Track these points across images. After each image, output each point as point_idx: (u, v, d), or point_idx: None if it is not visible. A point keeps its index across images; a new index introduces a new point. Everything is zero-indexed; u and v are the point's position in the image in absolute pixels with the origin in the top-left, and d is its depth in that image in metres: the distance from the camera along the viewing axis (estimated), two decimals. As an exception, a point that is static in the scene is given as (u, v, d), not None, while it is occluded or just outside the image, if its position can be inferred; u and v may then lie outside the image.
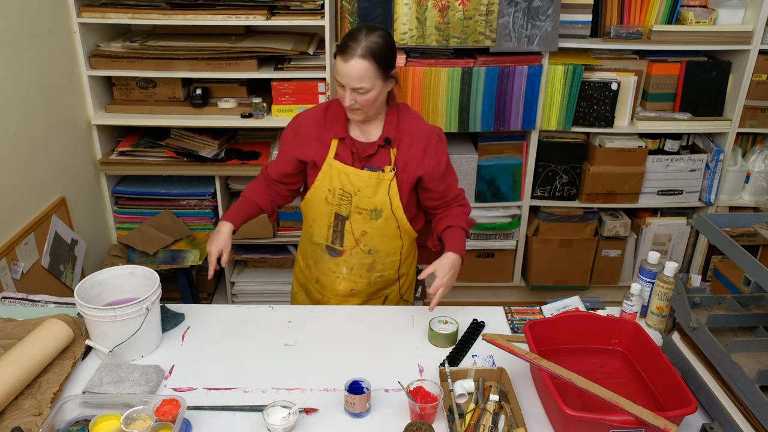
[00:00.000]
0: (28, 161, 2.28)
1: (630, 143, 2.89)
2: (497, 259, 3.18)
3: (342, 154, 1.76)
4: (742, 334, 1.45)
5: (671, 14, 2.80)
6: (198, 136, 2.85)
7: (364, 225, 1.81)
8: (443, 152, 1.80)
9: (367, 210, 1.79)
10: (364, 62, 1.58)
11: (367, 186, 1.75)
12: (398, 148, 1.75)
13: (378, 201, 1.77)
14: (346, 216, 1.80)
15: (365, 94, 1.62)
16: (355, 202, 1.78)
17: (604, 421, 1.27)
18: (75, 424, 1.37)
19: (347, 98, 1.62)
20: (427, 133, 1.77)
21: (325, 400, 1.48)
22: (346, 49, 1.59)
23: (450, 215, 1.85)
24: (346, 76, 1.59)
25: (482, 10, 2.60)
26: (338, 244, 1.86)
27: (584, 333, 1.58)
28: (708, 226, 1.42)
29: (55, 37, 2.45)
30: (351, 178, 1.75)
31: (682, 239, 3.13)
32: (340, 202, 1.79)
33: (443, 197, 1.85)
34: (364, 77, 1.59)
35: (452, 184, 1.85)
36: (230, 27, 2.80)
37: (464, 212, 1.87)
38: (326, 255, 1.90)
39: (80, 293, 1.57)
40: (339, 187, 1.77)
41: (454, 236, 1.80)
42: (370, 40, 1.58)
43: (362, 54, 1.57)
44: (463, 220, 1.85)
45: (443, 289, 1.67)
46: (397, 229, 1.84)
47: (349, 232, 1.82)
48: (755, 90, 2.82)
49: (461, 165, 2.91)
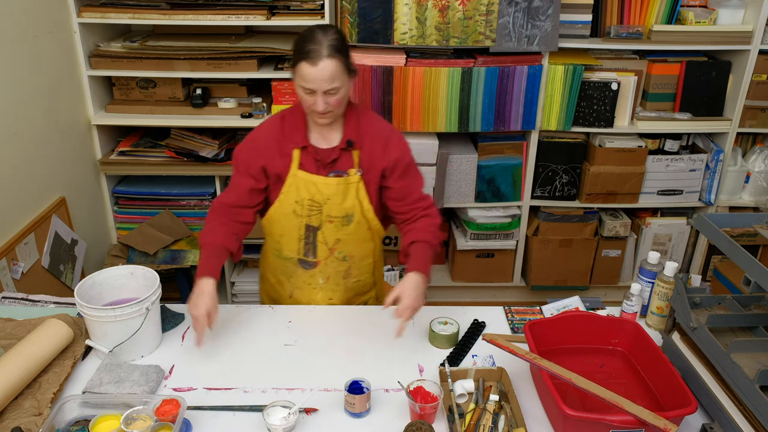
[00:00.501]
0: (28, 161, 2.28)
1: (630, 143, 2.89)
2: (497, 259, 3.18)
3: (306, 163, 1.71)
4: (742, 334, 1.45)
5: (671, 14, 2.80)
6: (198, 136, 2.85)
7: (336, 233, 1.78)
8: (406, 149, 1.76)
9: (339, 217, 1.75)
10: (333, 61, 1.53)
11: (336, 193, 1.72)
12: (361, 149, 1.72)
13: (348, 206, 1.74)
14: (317, 226, 1.76)
15: (336, 94, 1.58)
16: (326, 210, 1.74)
17: (604, 421, 1.27)
18: (75, 424, 1.37)
19: (320, 103, 1.57)
20: (387, 131, 1.75)
21: (325, 400, 1.48)
22: (309, 53, 1.53)
23: (415, 228, 1.75)
24: (317, 80, 1.54)
25: (482, 10, 2.60)
26: (311, 255, 1.82)
27: (584, 333, 1.58)
28: (708, 226, 1.42)
29: (55, 37, 2.45)
30: (319, 186, 1.71)
31: (682, 239, 3.13)
32: (310, 213, 1.74)
33: (404, 197, 1.77)
34: (335, 77, 1.55)
35: (415, 184, 1.78)
36: (230, 27, 2.80)
37: (431, 224, 1.76)
38: (299, 269, 1.85)
39: (80, 293, 1.57)
40: (307, 197, 1.72)
41: (417, 253, 1.69)
42: (329, 38, 1.54)
43: (329, 54, 1.52)
44: (428, 232, 1.73)
45: (410, 311, 1.57)
46: (368, 231, 1.82)
47: (321, 242, 1.79)
48: (755, 90, 2.82)
49: (461, 165, 2.91)
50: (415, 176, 1.80)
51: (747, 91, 2.80)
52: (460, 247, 3.11)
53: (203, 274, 1.62)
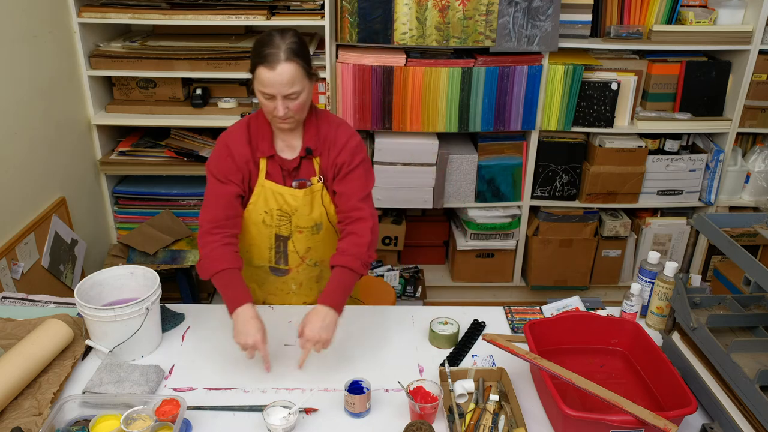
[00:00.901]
0: (28, 161, 2.28)
1: (630, 143, 2.89)
2: (497, 259, 3.18)
3: (272, 172, 1.68)
4: (742, 334, 1.45)
5: (671, 14, 2.80)
6: (198, 136, 2.85)
7: (307, 242, 1.76)
8: (359, 153, 1.69)
9: (308, 227, 1.74)
10: (291, 64, 1.50)
11: (304, 204, 1.70)
12: (321, 156, 1.69)
13: (316, 216, 1.73)
14: (287, 236, 1.75)
15: (296, 98, 1.55)
16: (295, 221, 1.72)
17: (604, 421, 1.27)
18: (75, 424, 1.37)
19: (280, 108, 1.53)
20: (347, 136, 1.69)
21: (325, 400, 1.48)
22: (267, 57, 1.49)
23: (338, 251, 1.63)
24: (276, 84, 1.50)
25: (482, 10, 2.60)
26: (282, 263, 1.80)
27: (584, 333, 1.58)
28: (708, 226, 1.42)
29: (55, 37, 2.45)
30: (287, 198, 1.69)
31: (682, 239, 3.13)
32: (279, 223, 1.73)
33: (341, 203, 1.69)
34: (294, 80, 1.51)
35: (355, 191, 1.67)
36: (230, 27, 2.80)
37: (354, 244, 1.61)
38: (271, 276, 1.84)
39: (80, 293, 1.57)
40: (276, 208, 1.70)
41: (333, 281, 1.59)
42: (288, 42, 1.51)
43: (286, 57, 1.49)
44: (349, 256, 1.59)
45: (310, 344, 1.49)
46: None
47: (293, 251, 1.77)
48: (755, 90, 2.82)
49: (461, 165, 2.91)
50: (362, 182, 1.69)
51: (747, 91, 2.80)
52: (460, 247, 3.11)
53: (237, 304, 1.52)
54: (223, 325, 1.74)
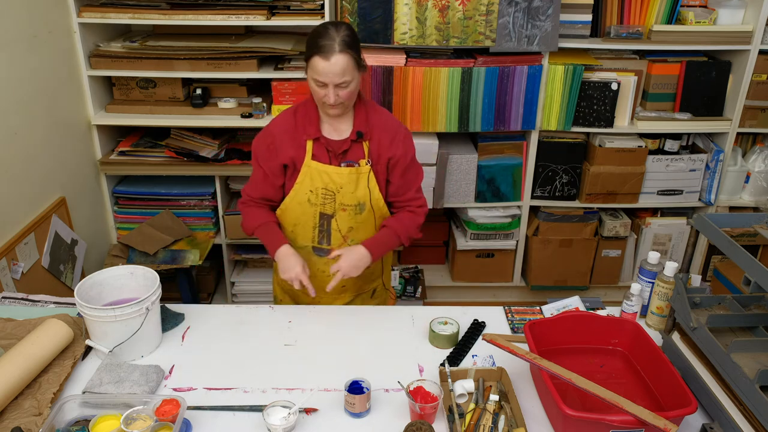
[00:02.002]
0: (28, 161, 2.28)
1: (630, 143, 2.89)
2: (497, 259, 3.18)
3: (318, 154, 1.78)
4: (742, 334, 1.45)
5: (671, 14, 2.80)
6: (198, 136, 2.85)
7: (349, 221, 1.83)
8: (410, 146, 1.85)
9: (352, 205, 1.81)
10: (344, 56, 1.61)
11: (349, 182, 1.78)
12: (370, 140, 1.79)
13: (360, 195, 1.80)
14: (331, 214, 1.82)
15: (346, 87, 1.66)
16: (339, 199, 1.80)
17: (604, 421, 1.27)
18: (75, 424, 1.37)
19: (331, 95, 1.65)
20: (396, 125, 1.83)
21: (325, 400, 1.48)
22: (323, 48, 1.61)
23: (396, 217, 1.87)
24: (329, 73, 1.62)
25: (482, 10, 2.60)
26: (326, 243, 1.87)
27: (584, 333, 1.58)
28: (708, 226, 1.42)
29: (55, 37, 2.45)
30: (332, 176, 1.77)
31: (682, 239, 3.13)
32: (324, 201, 1.80)
33: (399, 194, 1.86)
34: (346, 71, 1.63)
35: (412, 182, 1.87)
36: (230, 27, 2.80)
37: (411, 219, 1.87)
38: (314, 256, 1.90)
39: (80, 293, 1.57)
40: (321, 186, 1.79)
41: (380, 236, 1.83)
42: (342, 34, 1.62)
43: (341, 49, 1.61)
44: (402, 225, 1.84)
45: (340, 274, 1.73)
46: (379, 218, 1.87)
47: (335, 230, 1.84)
48: (755, 90, 2.82)
49: (461, 165, 2.91)
50: (416, 174, 1.88)
51: (747, 91, 2.80)
52: (460, 247, 3.11)
53: (277, 246, 1.78)
54: (223, 325, 1.75)
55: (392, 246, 1.85)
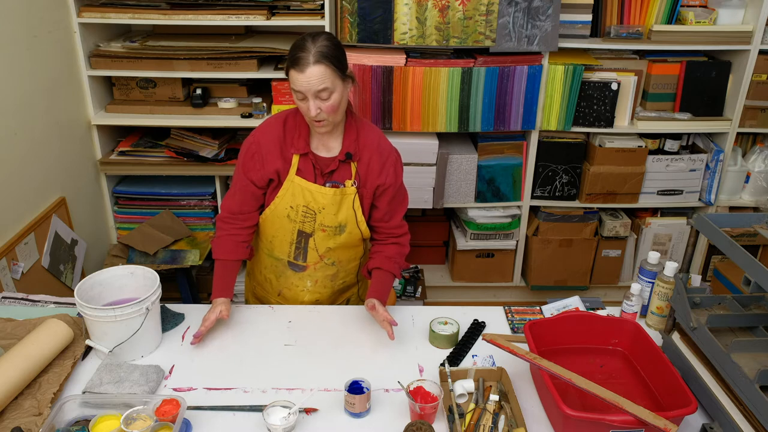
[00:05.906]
0: (28, 161, 2.28)
1: (630, 143, 2.89)
2: (497, 259, 3.18)
3: (304, 169, 1.72)
4: (742, 334, 1.45)
5: (671, 14, 2.80)
6: (198, 136, 2.85)
7: (328, 241, 1.79)
8: (400, 172, 1.80)
9: (332, 227, 1.76)
10: (320, 66, 1.54)
11: (332, 203, 1.73)
12: (359, 161, 1.73)
13: (342, 217, 1.75)
14: (310, 233, 1.77)
15: (328, 99, 1.58)
16: (320, 219, 1.74)
17: (604, 421, 1.27)
18: (75, 424, 1.37)
19: (312, 108, 1.57)
20: (387, 149, 1.76)
21: (325, 400, 1.48)
22: (297, 60, 1.55)
23: (383, 254, 1.81)
24: (305, 83, 1.55)
25: (482, 10, 2.60)
26: (301, 260, 1.82)
27: (584, 333, 1.58)
28: (708, 226, 1.42)
29: (55, 37, 2.45)
30: (315, 195, 1.72)
31: (682, 239, 3.13)
32: (303, 219, 1.75)
33: (384, 220, 1.81)
34: (324, 80, 1.55)
35: (399, 210, 1.83)
36: (230, 27, 2.80)
37: (399, 253, 1.83)
38: (288, 270, 1.86)
39: (80, 293, 1.57)
40: (302, 204, 1.73)
41: (380, 281, 1.77)
42: (319, 45, 1.55)
43: (315, 60, 1.53)
44: (395, 263, 1.80)
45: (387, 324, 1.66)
46: (360, 239, 1.83)
47: (312, 248, 1.80)
48: (755, 90, 2.82)
49: (461, 165, 2.91)
50: (402, 202, 1.84)
51: (747, 91, 2.80)
52: (460, 247, 3.11)
53: (218, 294, 1.74)
54: (223, 325, 1.75)
55: (392, 284, 1.82)
